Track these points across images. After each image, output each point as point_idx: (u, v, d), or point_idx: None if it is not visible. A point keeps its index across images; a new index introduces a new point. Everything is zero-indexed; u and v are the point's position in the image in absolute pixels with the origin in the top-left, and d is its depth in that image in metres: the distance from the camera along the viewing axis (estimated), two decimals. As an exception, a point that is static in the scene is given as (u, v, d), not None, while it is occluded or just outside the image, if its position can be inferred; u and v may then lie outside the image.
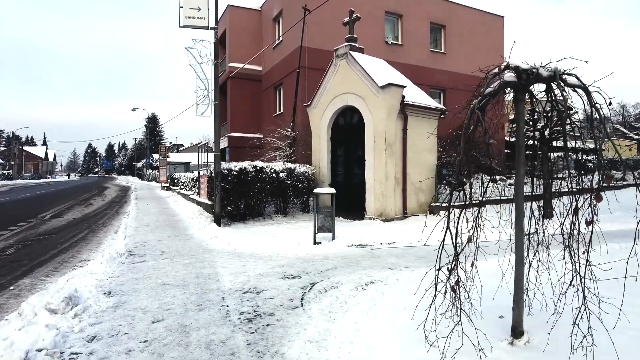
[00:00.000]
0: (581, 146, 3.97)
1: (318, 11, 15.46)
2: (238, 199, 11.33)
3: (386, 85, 10.86)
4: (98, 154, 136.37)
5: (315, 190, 8.43)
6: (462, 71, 22.58)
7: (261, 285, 5.26)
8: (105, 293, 5.03)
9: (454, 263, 3.20)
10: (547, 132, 11.58)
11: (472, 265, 3.24)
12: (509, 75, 3.17)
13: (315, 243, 7.82)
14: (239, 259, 6.91)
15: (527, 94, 3.31)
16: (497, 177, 21.12)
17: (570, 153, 3.28)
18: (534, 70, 3.09)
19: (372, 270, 5.92)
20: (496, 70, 3.16)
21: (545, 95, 3.29)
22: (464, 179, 3.21)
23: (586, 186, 2.96)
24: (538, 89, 3.38)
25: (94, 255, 7.49)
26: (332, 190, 8.16)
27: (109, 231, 10.67)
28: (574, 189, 3.07)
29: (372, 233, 8.77)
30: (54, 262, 7.04)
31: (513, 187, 3.52)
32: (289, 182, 12.04)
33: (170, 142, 74.98)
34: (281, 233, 9.33)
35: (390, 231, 9.19)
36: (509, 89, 3.29)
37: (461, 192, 3.22)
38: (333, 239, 7.99)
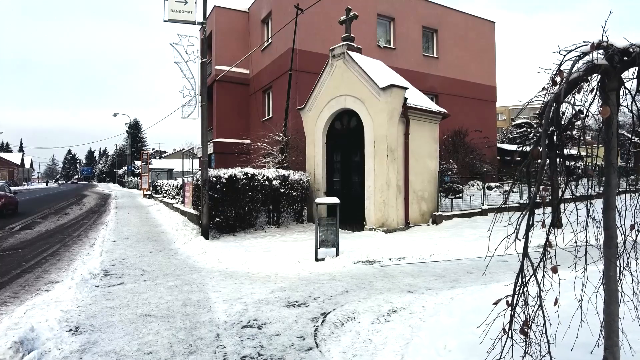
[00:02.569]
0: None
1: (309, 14, 14.72)
2: (227, 208, 10.42)
3: (388, 87, 10.14)
4: (78, 161, 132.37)
5: (317, 200, 7.59)
6: (454, 76, 22.24)
7: (262, 317, 4.40)
8: (71, 330, 4.09)
9: (521, 295, 2.45)
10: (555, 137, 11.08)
11: (555, 304, 2.47)
12: (600, 58, 2.44)
13: (317, 260, 6.97)
14: (233, 281, 6.02)
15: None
16: (492, 184, 20.73)
17: None
18: (635, 49, 2.37)
19: (391, 295, 5.10)
20: (586, 47, 2.42)
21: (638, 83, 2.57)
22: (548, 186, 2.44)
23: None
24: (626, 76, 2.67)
25: (64, 276, 6.51)
26: (336, 200, 7.31)
27: (84, 245, 9.63)
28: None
29: (377, 246, 7.98)
30: (14, 285, 6.03)
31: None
32: (282, 190, 11.18)
33: (153, 149, 73.10)
34: (277, 247, 8.46)
35: (396, 244, 8.41)
36: (595, 75, 2.56)
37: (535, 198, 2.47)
38: (337, 254, 7.13)
